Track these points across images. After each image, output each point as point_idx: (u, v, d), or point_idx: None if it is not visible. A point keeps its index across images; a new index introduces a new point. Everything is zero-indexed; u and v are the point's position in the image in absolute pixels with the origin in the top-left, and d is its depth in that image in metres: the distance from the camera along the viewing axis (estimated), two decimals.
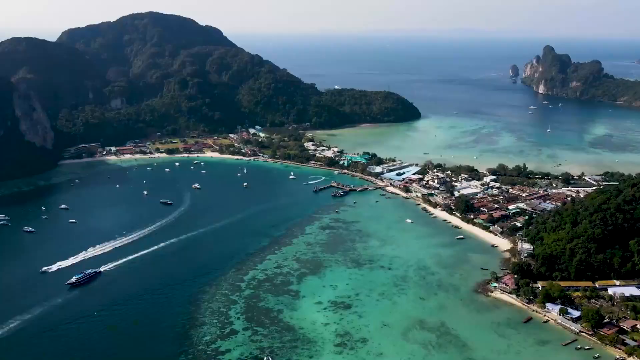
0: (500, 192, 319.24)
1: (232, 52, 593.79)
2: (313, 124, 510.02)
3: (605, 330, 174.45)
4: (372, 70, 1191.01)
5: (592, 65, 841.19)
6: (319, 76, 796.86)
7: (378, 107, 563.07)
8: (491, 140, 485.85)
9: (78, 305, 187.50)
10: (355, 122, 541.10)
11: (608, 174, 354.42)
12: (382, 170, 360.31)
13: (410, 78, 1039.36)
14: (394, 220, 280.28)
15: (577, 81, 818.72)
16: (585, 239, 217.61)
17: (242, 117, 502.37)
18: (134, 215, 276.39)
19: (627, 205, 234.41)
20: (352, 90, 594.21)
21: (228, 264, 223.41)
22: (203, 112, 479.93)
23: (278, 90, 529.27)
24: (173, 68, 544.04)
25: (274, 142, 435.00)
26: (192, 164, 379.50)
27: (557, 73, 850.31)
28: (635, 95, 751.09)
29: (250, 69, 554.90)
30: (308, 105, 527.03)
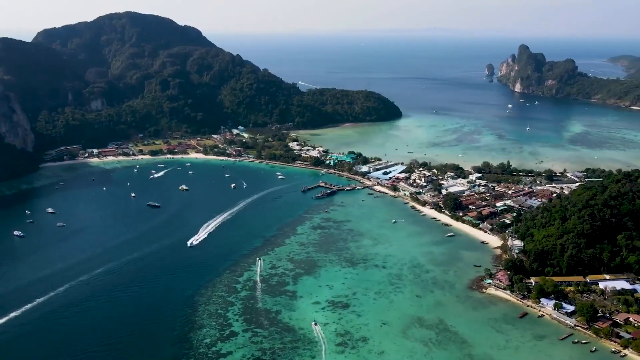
0: (486, 189, 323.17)
1: (212, 52, 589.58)
2: (296, 124, 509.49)
3: (599, 323, 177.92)
4: (348, 69, 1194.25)
5: (567, 63, 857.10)
6: (296, 75, 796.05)
7: (360, 107, 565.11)
8: (473, 139, 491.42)
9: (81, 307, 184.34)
10: (338, 122, 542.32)
11: (589, 171, 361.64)
12: (368, 169, 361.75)
13: (387, 77, 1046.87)
14: (384, 219, 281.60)
15: (553, 79, 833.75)
16: (574, 234, 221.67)
17: (225, 118, 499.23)
18: (121, 218, 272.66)
19: (613, 200, 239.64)
20: (334, 90, 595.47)
21: (222, 265, 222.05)
22: (185, 113, 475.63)
23: (260, 91, 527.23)
24: (153, 68, 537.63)
25: (258, 143, 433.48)
26: (178, 166, 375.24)
27: (532, 72, 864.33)
28: (609, 93, 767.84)
29: (232, 69, 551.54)
30: (290, 105, 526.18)
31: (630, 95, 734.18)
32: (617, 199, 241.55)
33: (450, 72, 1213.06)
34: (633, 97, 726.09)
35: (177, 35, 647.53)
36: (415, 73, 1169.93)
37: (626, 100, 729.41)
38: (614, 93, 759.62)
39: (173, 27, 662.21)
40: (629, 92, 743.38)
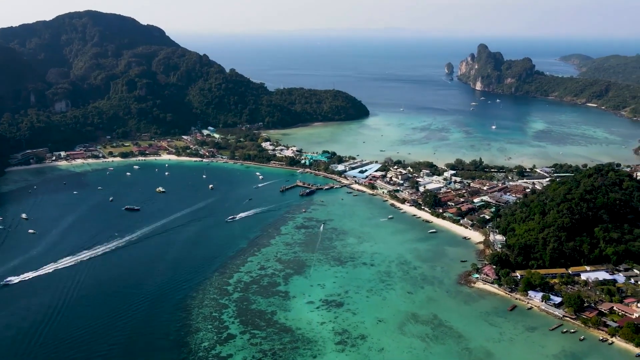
0: (462, 186, 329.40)
1: (178, 52, 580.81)
2: (266, 124, 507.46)
3: (586, 313, 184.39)
4: (307, 68, 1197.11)
5: (524, 62, 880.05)
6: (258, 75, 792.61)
7: (328, 106, 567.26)
8: (442, 136, 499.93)
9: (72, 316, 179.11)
10: (307, 121, 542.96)
11: (557, 166, 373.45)
12: (344, 168, 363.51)
13: (346, 74, 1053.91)
14: (366, 217, 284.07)
15: (512, 78, 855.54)
16: (555, 228, 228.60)
17: (194, 118, 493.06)
18: (99, 223, 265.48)
19: (589, 195, 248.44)
20: (302, 89, 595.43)
21: (210, 267, 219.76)
22: (154, 114, 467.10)
23: (229, 91, 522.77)
24: (118, 69, 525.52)
25: (230, 143, 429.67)
26: (155, 167, 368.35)
27: (492, 70, 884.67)
28: (566, 90, 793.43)
29: (199, 69, 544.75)
30: (260, 105, 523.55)
31: (586, 92, 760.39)
32: (591, 192, 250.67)
33: (410, 71, 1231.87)
34: (588, 95, 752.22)
35: (140, 34, 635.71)
36: (375, 72, 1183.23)
37: (582, 98, 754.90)
38: (570, 91, 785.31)
39: (136, 27, 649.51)
40: (584, 90, 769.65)
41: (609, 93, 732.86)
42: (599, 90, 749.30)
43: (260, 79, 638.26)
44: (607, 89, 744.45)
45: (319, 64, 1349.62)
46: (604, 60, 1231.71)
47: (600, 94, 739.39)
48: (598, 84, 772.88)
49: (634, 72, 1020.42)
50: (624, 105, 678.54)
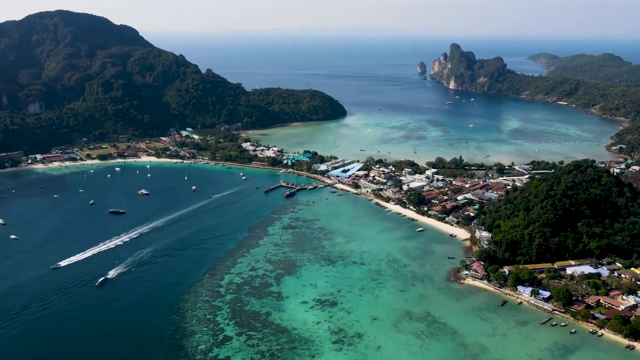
0: (444, 184, 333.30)
1: (154, 52, 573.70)
2: (244, 124, 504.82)
3: (575, 307, 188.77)
4: (278, 68, 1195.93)
5: (496, 61, 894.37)
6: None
7: (306, 106, 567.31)
8: (420, 135, 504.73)
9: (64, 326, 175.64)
10: (286, 121, 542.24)
11: (535, 163, 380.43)
12: (327, 168, 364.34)
13: (319, 73, 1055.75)
14: (352, 216, 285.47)
15: (484, 77, 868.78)
16: (540, 224, 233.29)
17: (172, 119, 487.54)
18: (83, 228, 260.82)
19: (570, 191, 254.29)
20: (279, 89, 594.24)
21: (200, 269, 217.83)
22: (131, 115, 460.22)
23: (206, 91, 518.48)
24: (93, 69, 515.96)
25: (210, 144, 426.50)
26: (136, 170, 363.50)
27: (465, 69, 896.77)
28: (537, 89, 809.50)
29: (176, 69, 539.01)
30: (238, 106, 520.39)
31: (556, 90, 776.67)
32: (573, 188, 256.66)
33: (383, 70, 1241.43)
34: (559, 93, 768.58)
35: (114, 35, 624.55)
36: (349, 71, 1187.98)
37: (553, 96, 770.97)
38: (541, 89, 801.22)
39: (109, 27, 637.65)
40: (554, 88, 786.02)
41: (579, 91, 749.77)
42: (568, 88, 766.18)
43: (234, 79, 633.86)
44: (577, 88, 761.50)
45: (292, 64, 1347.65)
46: (571, 60, 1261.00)
47: (570, 92, 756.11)
48: (568, 83, 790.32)
49: (600, 71, 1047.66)
50: (594, 103, 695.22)
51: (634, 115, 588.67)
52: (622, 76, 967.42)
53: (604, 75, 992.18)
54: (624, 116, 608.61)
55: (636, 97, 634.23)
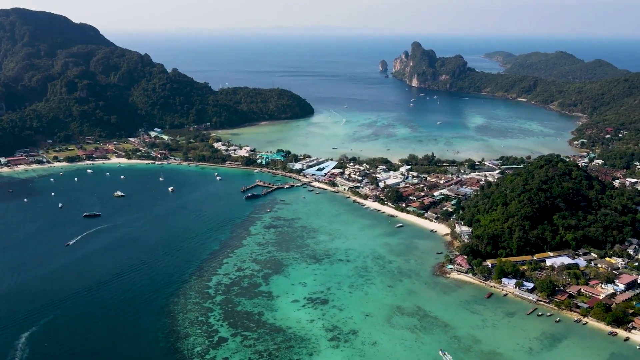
0: (419, 180, 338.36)
1: (118, 51, 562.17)
2: (214, 124, 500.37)
3: (558, 297, 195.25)
4: (238, 66, 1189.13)
5: (457, 59, 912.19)
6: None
7: (274, 105, 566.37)
8: (389, 132, 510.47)
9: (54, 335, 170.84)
10: (254, 120, 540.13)
11: (504, 158, 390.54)
12: (302, 166, 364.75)
13: (276, 71, 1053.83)
14: (332, 214, 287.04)
15: (446, 74, 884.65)
16: (519, 217, 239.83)
17: (140, 120, 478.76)
18: (57, 232, 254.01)
19: (545, 185, 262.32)
20: (246, 89, 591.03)
21: (186, 271, 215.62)
22: (97, 116, 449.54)
23: (174, 91, 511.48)
24: (55, 69, 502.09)
25: (181, 145, 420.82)
26: (107, 171, 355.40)
27: (427, 67, 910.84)
28: (497, 86, 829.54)
29: (141, 69, 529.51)
30: (206, 105, 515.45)
31: (516, 87, 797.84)
32: (547, 183, 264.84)
33: (345, 68, 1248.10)
34: (518, 90, 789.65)
35: (74, 33, 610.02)
36: (310, 69, 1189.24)
37: (513, 93, 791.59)
38: (501, 86, 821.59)
39: (68, 25, 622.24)
40: (514, 85, 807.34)
41: (537, 88, 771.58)
42: (527, 85, 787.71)
43: (196, 78, 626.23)
44: (535, 85, 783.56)
45: (251, 63, 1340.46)
46: (526, 57, 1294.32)
47: (529, 89, 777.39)
48: (526, 80, 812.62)
49: (555, 68, 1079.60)
50: (552, 99, 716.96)
51: (591, 111, 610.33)
52: (575, 73, 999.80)
53: (558, 72, 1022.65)
54: (581, 112, 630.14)
55: (592, 93, 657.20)
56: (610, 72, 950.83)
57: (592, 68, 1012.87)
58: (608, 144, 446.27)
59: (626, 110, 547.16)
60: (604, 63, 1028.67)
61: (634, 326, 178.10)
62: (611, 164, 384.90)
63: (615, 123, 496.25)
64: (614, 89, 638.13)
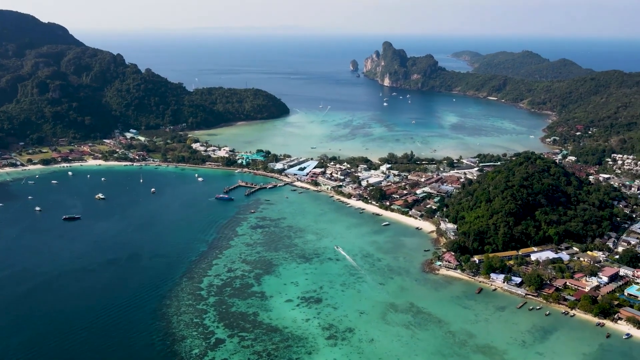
0: (400, 179, 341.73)
1: (89, 51, 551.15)
2: (190, 125, 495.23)
3: (546, 290, 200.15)
4: (207, 66, 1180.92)
5: (428, 59, 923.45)
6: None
7: (250, 105, 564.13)
8: (366, 132, 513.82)
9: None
10: (231, 121, 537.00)
11: (481, 156, 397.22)
12: (283, 166, 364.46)
13: (248, 70, 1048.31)
14: (317, 213, 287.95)
15: (417, 74, 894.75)
16: (503, 213, 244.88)
17: (114, 121, 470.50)
18: (34, 236, 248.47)
19: (526, 181, 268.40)
20: (221, 89, 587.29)
21: (176, 273, 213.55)
22: (71, 118, 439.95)
23: (148, 91, 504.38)
24: (25, 70, 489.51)
25: (158, 146, 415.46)
26: (87, 174, 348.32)
27: (399, 67, 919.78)
28: (468, 85, 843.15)
29: (114, 69, 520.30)
30: (182, 106, 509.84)
31: (486, 86, 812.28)
32: (528, 179, 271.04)
33: (316, 68, 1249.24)
34: (489, 89, 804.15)
35: (42, 33, 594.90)
36: (283, 69, 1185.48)
37: (483, 92, 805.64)
38: (472, 85, 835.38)
39: (36, 25, 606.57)
40: (484, 84, 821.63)
41: (507, 87, 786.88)
42: (497, 84, 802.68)
43: (171, 78, 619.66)
44: (505, 84, 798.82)
45: (220, 63, 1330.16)
46: (493, 57, 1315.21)
47: (499, 88, 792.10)
48: (496, 79, 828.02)
49: (522, 67, 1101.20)
50: (521, 97, 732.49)
51: (560, 109, 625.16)
52: (541, 72, 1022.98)
53: (525, 71, 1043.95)
54: (550, 110, 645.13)
55: (560, 91, 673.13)
56: (574, 71, 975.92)
57: (558, 67, 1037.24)
58: (579, 141, 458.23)
59: (594, 108, 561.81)
60: (568, 62, 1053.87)
61: (620, 317, 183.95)
62: (584, 161, 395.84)
63: (585, 121, 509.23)
64: (581, 87, 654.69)
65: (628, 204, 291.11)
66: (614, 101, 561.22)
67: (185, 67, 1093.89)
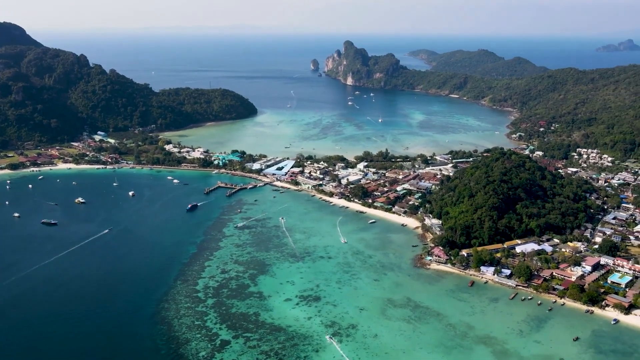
0: (378, 176, 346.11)
1: (51, 52, 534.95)
2: (159, 126, 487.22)
3: (535, 281, 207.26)
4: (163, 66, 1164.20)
5: (389, 58, 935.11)
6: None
7: (218, 105, 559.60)
8: (337, 131, 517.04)
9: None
10: (199, 122, 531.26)
11: (453, 153, 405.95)
12: (260, 166, 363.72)
13: (206, 71, 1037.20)
14: (302, 212, 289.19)
15: (380, 73, 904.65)
16: (487, 208, 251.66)
17: (81, 123, 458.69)
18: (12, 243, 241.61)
19: (505, 176, 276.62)
20: (188, 89, 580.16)
21: (169, 276, 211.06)
22: (36, 120, 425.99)
23: (115, 92, 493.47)
24: None
25: (129, 148, 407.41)
26: (57, 178, 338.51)
27: (361, 66, 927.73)
28: (429, 83, 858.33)
29: (78, 70, 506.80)
30: (150, 107, 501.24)
31: (448, 85, 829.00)
32: (506, 174, 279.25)
33: (276, 67, 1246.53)
34: (450, 87, 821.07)
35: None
36: (242, 69, 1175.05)
37: (445, 90, 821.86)
38: (434, 83, 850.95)
39: None
40: (446, 82, 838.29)
41: (468, 85, 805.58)
42: (458, 82, 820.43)
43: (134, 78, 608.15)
44: (466, 82, 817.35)
45: (175, 62, 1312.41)
46: (450, 55, 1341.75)
47: (460, 86, 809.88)
48: (457, 77, 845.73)
49: (478, 65, 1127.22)
50: (483, 95, 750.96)
51: (521, 106, 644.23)
52: (498, 70, 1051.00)
53: (482, 69, 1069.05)
54: (511, 107, 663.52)
55: (519, 89, 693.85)
56: (529, 68, 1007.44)
57: (513, 65, 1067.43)
58: (543, 136, 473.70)
59: (554, 104, 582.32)
60: (523, 60, 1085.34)
61: (607, 304, 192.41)
62: (550, 155, 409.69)
63: (547, 117, 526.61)
64: (539, 84, 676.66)
65: (599, 196, 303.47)
66: (572, 98, 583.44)
67: (140, 67, 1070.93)
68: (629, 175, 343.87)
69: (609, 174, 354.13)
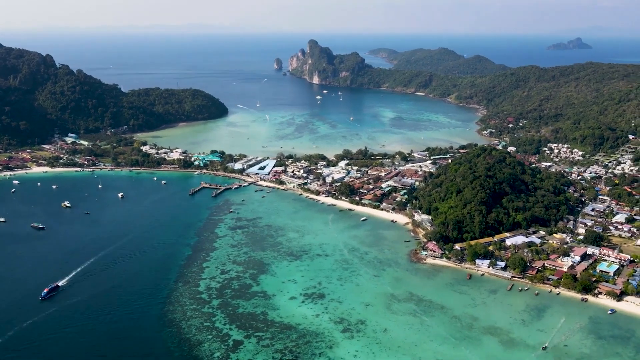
0: (361, 174, 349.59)
1: (14, 52, 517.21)
2: (131, 127, 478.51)
3: (529, 272, 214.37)
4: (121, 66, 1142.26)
5: (354, 56, 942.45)
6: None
7: (190, 106, 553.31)
8: (311, 130, 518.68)
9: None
10: (172, 122, 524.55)
11: (430, 150, 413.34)
12: (242, 166, 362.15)
13: (163, 72, 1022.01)
14: (291, 211, 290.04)
15: (346, 71, 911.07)
16: (476, 203, 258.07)
17: (51, 125, 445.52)
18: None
19: (489, 171, 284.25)
20: (158, 90, 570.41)
21: (169, 279, 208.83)
22: (4, 123, 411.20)
23: (84, 93, 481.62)
24: None
25: (105, 150, 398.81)
26: (37, 182, 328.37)
27: (327, 64, 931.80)
28: (395, 82, 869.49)
29: (45, 71, 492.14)
30: (121, 108, 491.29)
31: (413, 82, 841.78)
32: (490, 169, 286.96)
33: (237, 67, 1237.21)
34: (416, 85, 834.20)
35: None
36: (201, 69, 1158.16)
37: (411, 87, 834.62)
38: (400, 81, 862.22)
39: None
40: (411, 80, 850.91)
41: (433, 83, 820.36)
42: (423, 80, 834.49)
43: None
44: (431, 79, 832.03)
45: (127, 63, 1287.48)
46: (411, 54, 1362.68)
47: (425, 84, 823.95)
48: (422, 75, 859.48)
49: (439, 64, 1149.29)
50: (448, 93, 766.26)
51: (486, 103, 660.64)
52: (458, 68, 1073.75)
53: (443, 67, 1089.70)
54: (477, 104, 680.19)
55: (484, 86, 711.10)
56: (489, 66, 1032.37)
57: (473, 63, 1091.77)
58: (513, 132, 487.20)
59: (519, 101, 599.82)
60: (482, 58, 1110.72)
61: (600, 291, 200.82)
62: (523, 151, 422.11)
63: (514, 113, 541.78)
64: (502, 82, 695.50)
65: (576, 189, 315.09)
66: (535, 94, 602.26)
67: (95, 65, 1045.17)
68: (600, 168, 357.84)
69: (581, 167, 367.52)
